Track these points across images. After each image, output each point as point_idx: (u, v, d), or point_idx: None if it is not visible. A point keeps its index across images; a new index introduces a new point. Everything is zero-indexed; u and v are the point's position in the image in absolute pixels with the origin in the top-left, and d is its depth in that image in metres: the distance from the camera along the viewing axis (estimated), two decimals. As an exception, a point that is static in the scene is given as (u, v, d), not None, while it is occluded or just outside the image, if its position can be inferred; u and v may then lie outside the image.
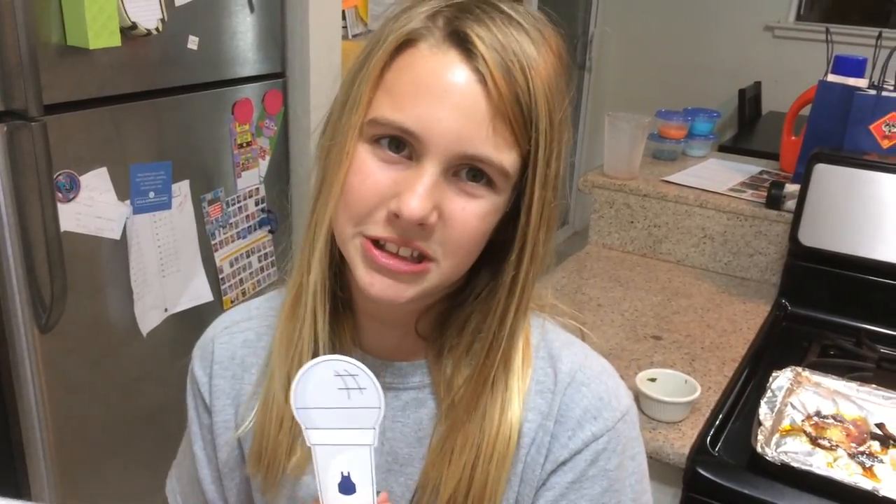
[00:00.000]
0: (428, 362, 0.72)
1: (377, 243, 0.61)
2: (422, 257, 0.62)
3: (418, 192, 0.58)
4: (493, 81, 0.57)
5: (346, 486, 0.60)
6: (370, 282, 0.62)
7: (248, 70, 1.85)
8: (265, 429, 0.72)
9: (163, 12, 1.55)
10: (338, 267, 0.68)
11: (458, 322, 0.70)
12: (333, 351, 0.68)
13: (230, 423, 0.78)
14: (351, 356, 0.66)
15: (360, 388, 0.58)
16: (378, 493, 0.61)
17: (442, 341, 0.70)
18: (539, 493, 0.70)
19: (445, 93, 0.57)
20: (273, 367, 0.72)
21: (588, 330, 0.78)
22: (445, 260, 0.62)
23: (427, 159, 0.58)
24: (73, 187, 1.50)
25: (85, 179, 1.52)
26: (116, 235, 1.60)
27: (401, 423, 0.72)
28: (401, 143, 0.60)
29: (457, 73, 0.57)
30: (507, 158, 0.59)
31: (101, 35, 1.41)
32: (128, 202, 1.61)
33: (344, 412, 0.59)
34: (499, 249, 0.66)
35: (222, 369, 0.78)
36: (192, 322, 1.86)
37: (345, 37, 2.11)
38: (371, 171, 0.60)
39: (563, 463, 0.69)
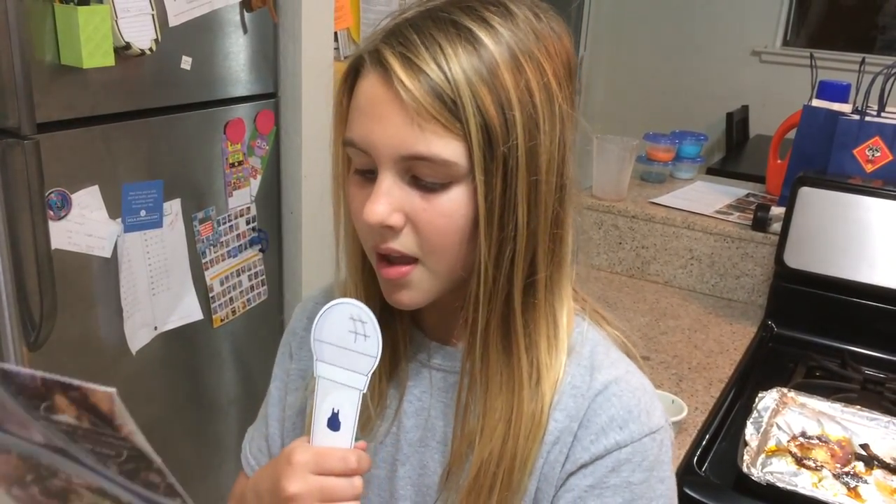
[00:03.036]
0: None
1: (383, 257, 0.69)
2: (406, 259, 0.68)
3: (373, 199, 0.65)
4: (404, 85, 0.62)
5: (334, 423, 0.67)
6: (385, 292, 0.71)
7: (241, 90, 1.86)
8: None
9: (157, 33, 1.56)
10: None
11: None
12: (389, 331, 0.72)
13: (305, 373, 0.86)
14: (412, 336, 0.79)
15: (364, 335, 0.65)
16: (358, 439, 0.67)
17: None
18: (558, 494, 0.72)
19: (373, 108, 0.65)
20: None
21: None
22: (428, 257, 0.67)
23: (380, 169, 0.66)
24: (65, 205, 1.51)
25: (76, 197, 1.53)
26: (107, 253, 1.60)
27: (443, 402, 0.77)
28: (369, 168, 0.67)
29: (378, 89, 0.64)
30: (444, 149, 0.63)
31: (95, 55, 1.42)
32: (119, 220, 1.61)
33: (348, 353, 0.66)
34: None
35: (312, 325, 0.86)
36: (182, 341, 1.86)
37: (337, 58, 2.13)
38: (354, 194, 0.70)
39: (584, 466, 0.71)
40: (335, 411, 0.66)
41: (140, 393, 1.78)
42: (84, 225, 1.55)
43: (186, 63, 1.68)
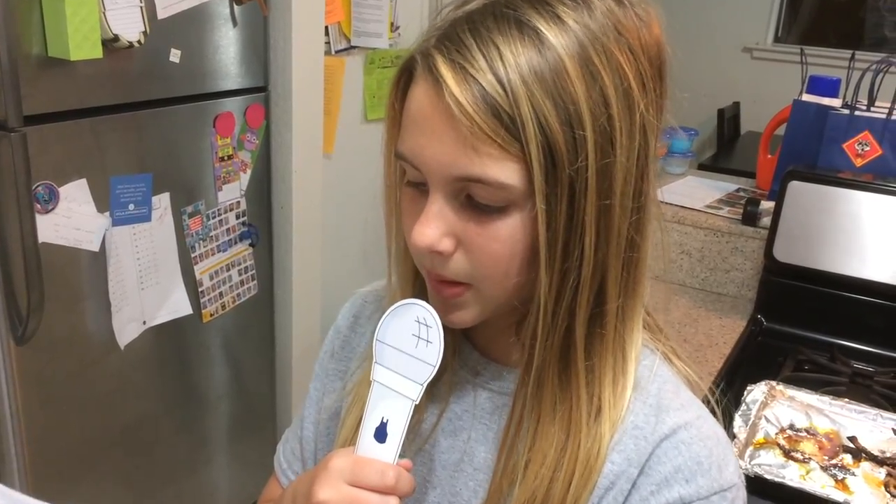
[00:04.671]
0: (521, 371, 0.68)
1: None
2: (457, 283, 0.62)
3: (422, 221, 0.59)
4: (456, 99, 0.54)
5: (381, 433, 0.62)
6: (435, 309, 0.62)
7: (231, 84, 1.85)
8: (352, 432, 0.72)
9: (145, 25, 1.55)
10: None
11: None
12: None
13: (344, 374, 0.81)
14: (461, 348, 0.72)
15: (427, 341, 0.60)
16: (402, 455, 0.62)
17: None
18: None
19: (424, 121, 0.58)
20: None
21: None
22: (480, 283, 0.61)
23: (431, 188, 0.59)
24: (52, 198, 1.50)
25: (64, 191, 1.52)
26: (95, 247, 1.60)
27: (485, 425, 0.70)
28: (423, 181, 0.60)
29: (429, 100, 0.57)
30: (501, 172, 0.55)
31: (83, 47, 1.41)
32: (107, 214, 1.61)
33: (407, 358, 0.61)
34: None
35: (358, 325, 0.82)
36: (171, 335, 1.85)
37: (328, 52, 2.13)
38: (406, 208, 0.63)
39: None
40: (384, 421, 0.62)
41: (129, 388, 1.78)
42: (72, 218, 1.54)
43: (175, 56, 1.67)
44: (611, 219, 0.58)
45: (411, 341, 0.61)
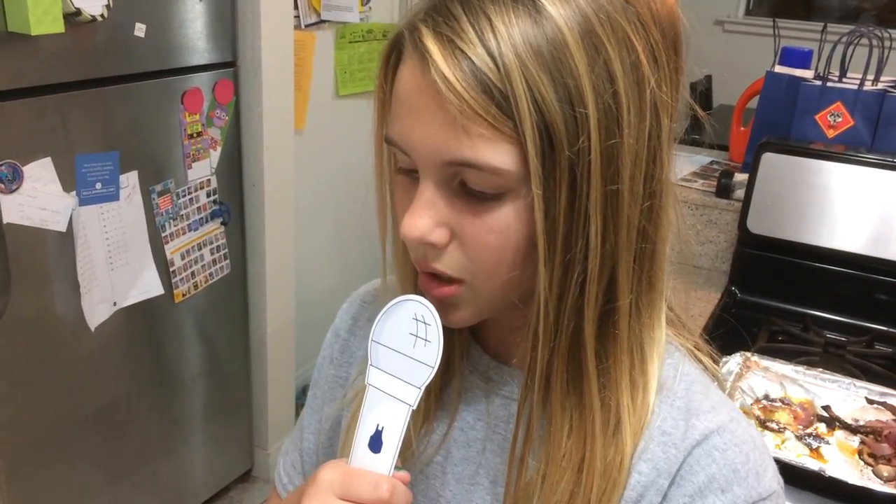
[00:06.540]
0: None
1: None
2: (450, 279, 0.57)
3: (412, 210, 0.55)
4: (443, 76, 0.50)
5: (375, 442, 0.58)
6: None
7: (198, 59, 1.81)
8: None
9: (108, -2, 1.51)
10: None
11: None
12: (448, 346, 0.60)
13: (345, 381, 0.76)
14: (470, 351, 0.68)
15: (426, 340, 0.56)
16: (398, 467, 0.57)
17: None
18: None
19: (411, 101, 0.53)
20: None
21: None
22: (475, 279, 0.56)
23: (422, 175, 0.55)
24: (16, 178, 1.46)
25: (28, 170, 1.48)
26: (62, 227, 1.56)
27: (501, 435, 0.65)
28: (415, 168, 0.56)
29: (416, 79, 0.53)
30: (494, 156, 0.51)
31: (44, 21, 1.37)
32: (73, 193, 1.57)
33: (404, 360, 0.57)
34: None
35: (357, 328, 0.77)
36: (142, 316, 1.82)
37: (297, 26, 2.09)
38: (399, 198, 0.59)
39: None
40: (379, 429, 0.57)
41: (100, 370, 1.75)
42: (37, 198, 1.51)
43: (140, 30, 1.63)
44: (619, 206, 0.53)
45: (409, 341, 0.56)
